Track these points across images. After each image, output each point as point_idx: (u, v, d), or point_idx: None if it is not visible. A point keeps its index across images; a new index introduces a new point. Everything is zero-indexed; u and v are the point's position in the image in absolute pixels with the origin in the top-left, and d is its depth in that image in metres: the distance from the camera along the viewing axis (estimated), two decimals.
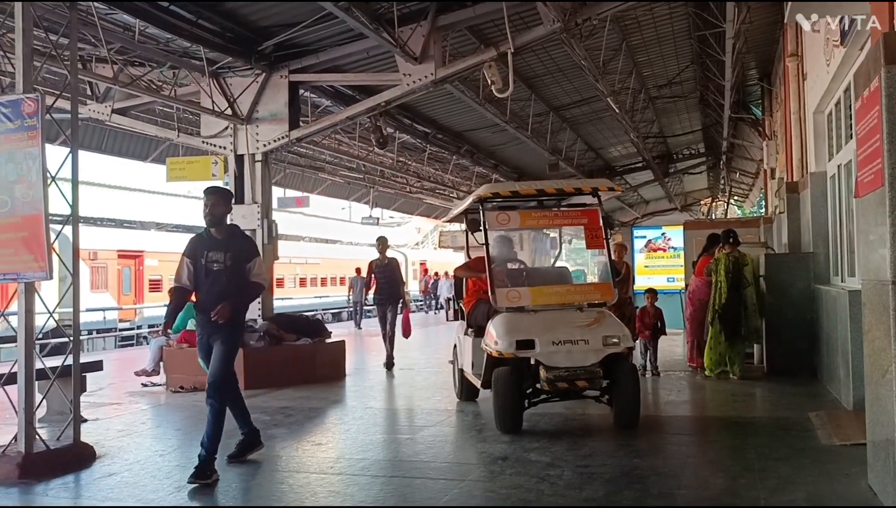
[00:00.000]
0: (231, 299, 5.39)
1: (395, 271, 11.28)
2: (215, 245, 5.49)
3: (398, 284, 11.26)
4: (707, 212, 35.45)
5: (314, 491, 4.91)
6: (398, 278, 11.29)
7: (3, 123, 5.50)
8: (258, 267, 5.58)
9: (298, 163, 19.29)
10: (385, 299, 11.24)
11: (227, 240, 5.53)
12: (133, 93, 10.82)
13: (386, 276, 11.19)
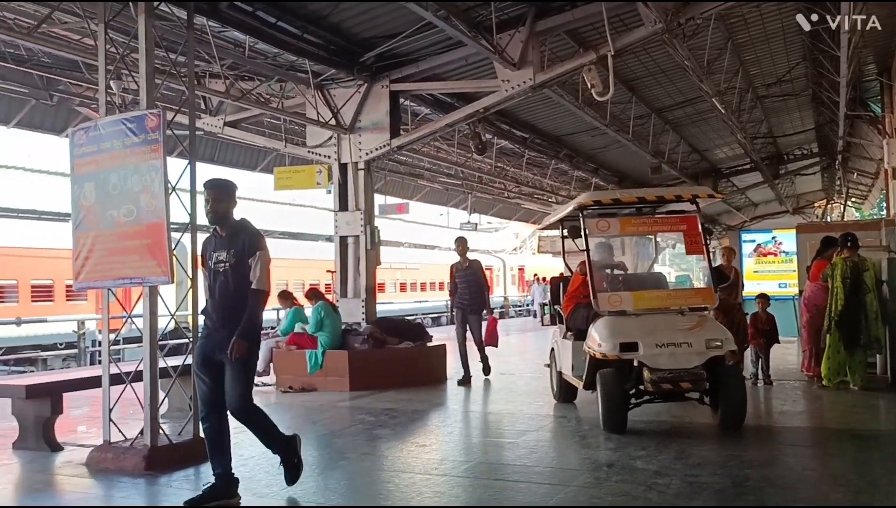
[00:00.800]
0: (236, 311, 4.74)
1: (479, 275, 10.30)
2: (220, 244, 4.90)
3: (482, 288, 10.32)
4: (822, 214, 33.68)
5: (420, 491, 4.99)
6: (482, 281, 10.37)
7: (130, 138, 5.87)
8: (259, 267, 4.78)
9: (398, 170, 19.66)
10: (467, 304, 10.20)
11: (230, 236, 4.89)
12: (243, 106, 11.34)
13: (467, 280, 10.25)
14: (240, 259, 4.78)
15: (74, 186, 6.22)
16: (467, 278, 10.27)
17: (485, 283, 10.42)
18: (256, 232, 4.97)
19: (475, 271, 10.32)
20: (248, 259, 4.77)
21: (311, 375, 9.75)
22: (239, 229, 4.93)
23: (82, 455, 6.17)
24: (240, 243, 4.83)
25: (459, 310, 10.30)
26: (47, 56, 10.25)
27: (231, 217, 4.94)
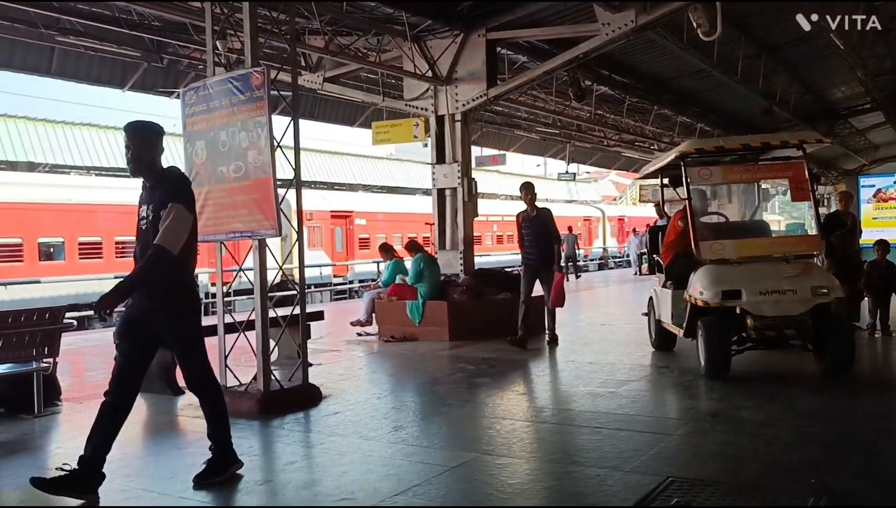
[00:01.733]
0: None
1: (548, 225, 9.09)
2: (144, 198, 4.23)
3: (552, 240, 9.05)
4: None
5: (521, 437, 5.08)
6: (552, 232, 9.12)
7: (236, 96, 6.08)
8: (169, 222, 3.94)
9: (495, 121, 19.48)
10: (535, 259, 9.06)
11: (152, 189, 4.18)
12: (341, 61, 11.47)
13: (534, 231, 9.10)
14: (156, 215, 4.05)
15: (187, 144, 6.51)
16: (533, 228, 9.14)
17: (556, 235, 9.17)
18: (178, 181, 4.23)
19: (544, 221, 9.11)
20: (161, 212, 4.02)
21: (415, 325, 9.98)
22: (161, 180, 4.20)
23: None
24: (157, 196, 4.10)
25: (527, 266, 9.25)
26: (158, 19, 10.67)
27: (156, 166, 4.22)
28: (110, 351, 4.15)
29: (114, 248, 19.41)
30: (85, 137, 23.19)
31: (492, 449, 4.82)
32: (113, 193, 20.02)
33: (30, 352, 5.83)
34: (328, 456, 4.83)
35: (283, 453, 5.07)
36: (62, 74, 12.29)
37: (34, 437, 5.67)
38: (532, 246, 9.12)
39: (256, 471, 4.68)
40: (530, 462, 4.49)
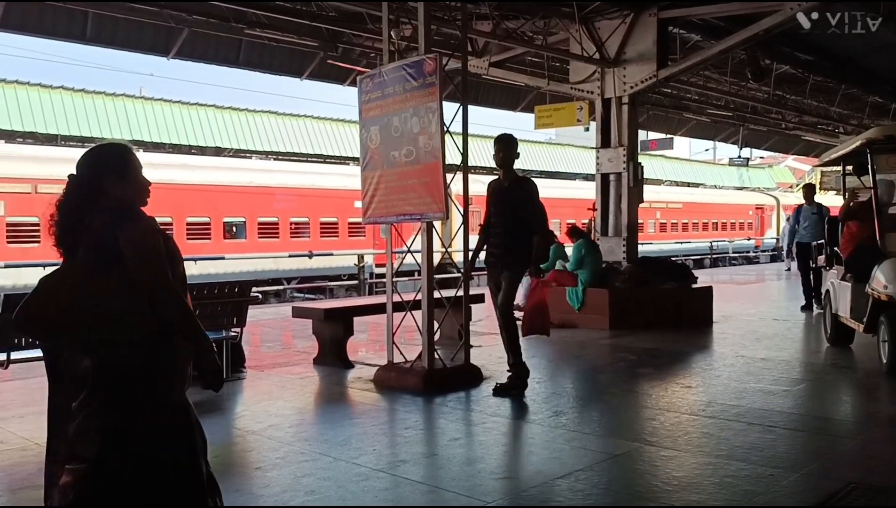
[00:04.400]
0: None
1: (525, 205, 6.02)
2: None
3: (528, 228, 6.01)
4: None
5: (686, 431, 4.93)
6: (529, 218, 6.04)
7: (409, 82, 6.28)
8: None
9: (662, 103, 18.80)
10: (498, 255, 6.18)
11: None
12: (508, 45, 11.51)
13: (503, 211, 6.14)
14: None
15: (362, 129, 6.82)
16: (504, 209, 6.11)
17: (536, 222, 6.06)
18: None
19: (520, 198, 6.05)
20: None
21: (576, 311, 9.90)
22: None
23: (369, 372, 6.92)
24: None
25: (487, 266, 6.38)
26: (335, 10, 11.21)
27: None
28: (285, 324, 4.46)
29: (289, 228, 20.72)
30: (265, 123, 24.84)
31: (656, 441, 4.72)
32: (289, 176, 21.37)
33: (221, 322, 6.37)
34: (490, 435, 4.93)
35: (446, 429, 5.23)
36: (248, 64, 13.24)
37: (223, 400, 6.20)
38: (498, 235, 6.11)
39: (422, 444, 4.88)
40: (697, 457, 4.35)
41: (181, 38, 11.81)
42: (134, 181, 2.73)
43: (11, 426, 5.18)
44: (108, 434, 2.51)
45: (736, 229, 35.84)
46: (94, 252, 2.58)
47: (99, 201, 2.64)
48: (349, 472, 4.12)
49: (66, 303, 2.53)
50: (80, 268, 2.59)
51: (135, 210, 2.69)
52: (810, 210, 11.21)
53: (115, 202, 2.65)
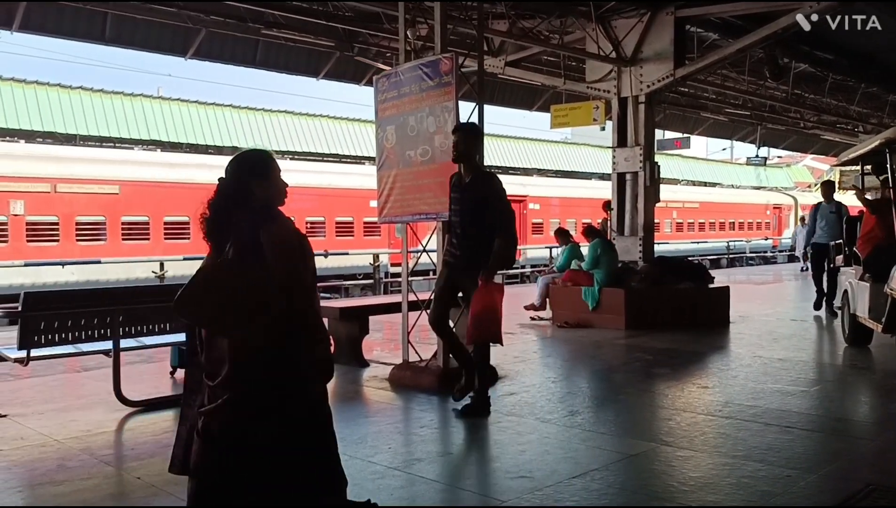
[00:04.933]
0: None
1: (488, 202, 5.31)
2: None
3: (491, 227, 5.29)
4: None
5: (702, 431, 4.90)
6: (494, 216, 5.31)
7: (425, 82, 6.29)
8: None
9: (679, 102, 18.71)
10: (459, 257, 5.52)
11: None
12: (523, 45, 11.51)
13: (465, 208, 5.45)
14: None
15: (378, 129, 6.84)
16: (466, 206, 5.45)
17: (500, 221, 5.30)
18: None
19: (482, 195, 5.35)
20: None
21: (590, 311, 9.87)
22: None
23: (385, 371, 6.93)
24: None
25: (444, 265, 5.79)
26: (351, 10, 11.25)
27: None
28: None
29: (305, 227, 20.79)
30: (282, 123, 24.97)
31: (672, 441, 4.70)
32: (305, 176, 21.44)
33: None
34: (505, 435, 4.93)
35: (461, 428, 5.23)
36: (265, 64, 13.31)
37: None
38: (458, 235, 5.50)
39: (437, 443, 4.89)
40: (714, 457, 4.33)
41: (199, 38, 11.90)
42: (275, 184, 3.03)
43: (31, 422, 5.24)
44: (239, 408, 2.81)
45: (753, 228, 35.60)
46: (240, 247, 2.88)
47: (245, 201, 2.94)
48: (365, 470, 4.14)
49: (215, 291, 2.86)
50: (227, 261, 2.90)
51: (275, 210, 2.99)
52: (828, 209, 10.72)
53: (258, 203, 2.93)
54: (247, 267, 2.85)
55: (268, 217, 2.92)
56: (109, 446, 4.81)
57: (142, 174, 18.05)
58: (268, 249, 2.84)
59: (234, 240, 2.89)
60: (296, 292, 2.85)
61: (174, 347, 6.74)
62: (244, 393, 2.82)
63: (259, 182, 2.96)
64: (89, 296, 5.87)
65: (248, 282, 2.83)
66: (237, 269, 2.86)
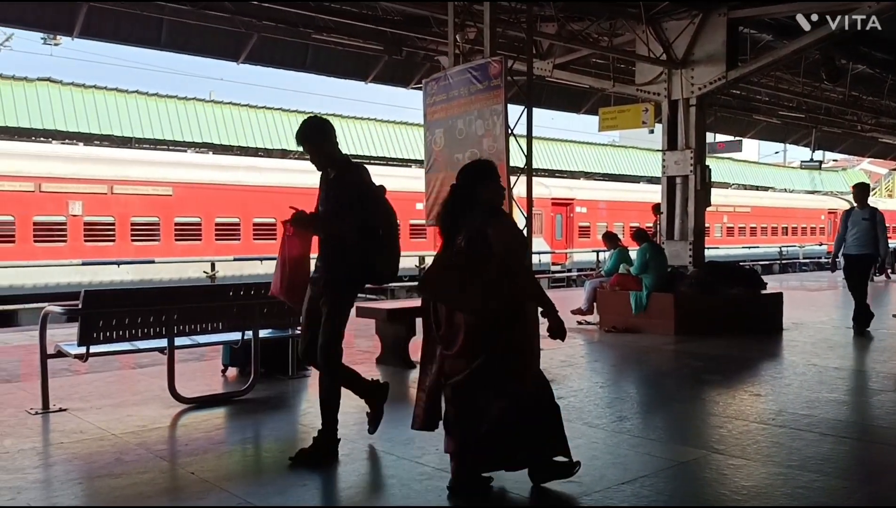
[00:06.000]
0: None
1: (340, 198, 4.37)
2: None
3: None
4: None
5: (755, 440, 4.81)
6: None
7: (474, 85, 6.32)
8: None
9: (730, 105, 18.38)
10: (317, 269, 4.49)
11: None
12: (572, 47, 11.45)
13: (327, 207, 4.49)
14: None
15: (427, 132, 6.90)
16: (327, 208, 4.51)
17: (373, 217, 4.41)
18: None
19: (345, 194, 4.38)
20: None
21: (635, 316, 9.76)
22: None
23: None
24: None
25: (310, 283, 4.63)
26: (400, 14, 11.34)
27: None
28: (348, 324, 4.52)
29: None
30: None
31: (723, 449, 4.61)
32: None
33: (286, 320, 6.50)
34: None
35: None
36: (315, 68, 13.51)
37: (288, 396, 6.34)
38: (321, 243, 4.47)
39: None
40: (767, 466, 4.24)
41: (251, 43, 12.13)
42: (498, 187, 3.70)
43: (90, 416, 5.40)
44: (474, 373, 3.56)
45: (807, 233, 34.75)
46: (470, 240, 3.56)
47: (473, 201, 3.63)
48: (413, 471, 4.16)
49: (451, 274, 3.58)
50: (460, 251, 3.58)
51: (499, 209, 3.68)
52: (861, 215, 9.52)
53: (485, 203, 3.63)
54: (477, 254, 3.51)
55: (493, 214, 3.62)
56: (164, 441, 4.93)
57: (194, 176, 18.45)
58: (495, 240, 3.51)
59: (465, 234, 3.58)
60: (520, 274, 3.58)
61: (225, 345, 6.86)
62: (480, 362, 3.52)
63: (485, 186, 3.65)
64: (146, 295, 6.02)
65: (477, 268, 3.49)
66: (469, 256, 3.53)
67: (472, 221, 3.57)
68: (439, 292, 3.63)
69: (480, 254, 3.51)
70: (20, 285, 15.61)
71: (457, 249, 3.59)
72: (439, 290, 3.63)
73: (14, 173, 15.99)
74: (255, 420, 5.54)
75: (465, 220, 3.61)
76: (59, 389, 6.02)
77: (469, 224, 3.57)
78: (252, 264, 17.54)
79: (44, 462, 4.43)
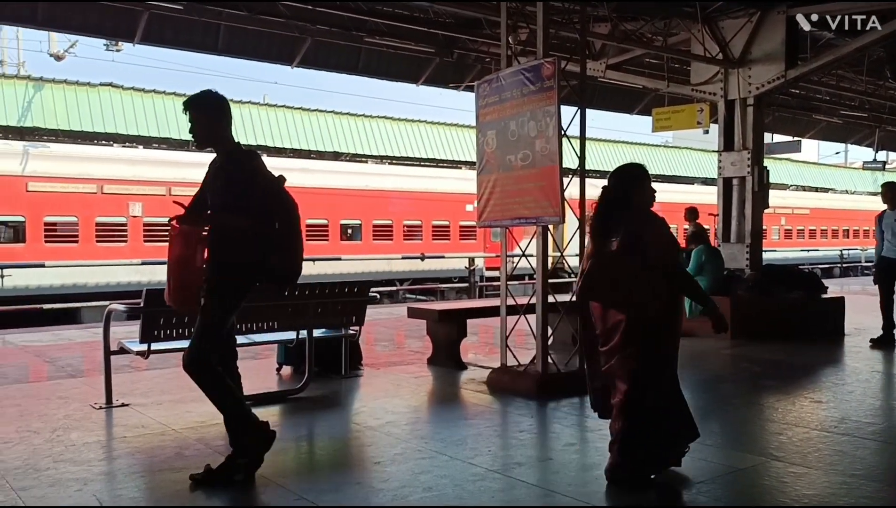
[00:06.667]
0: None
1: (235, 190, 3.95)
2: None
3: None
4: None
5: (817, 447, 4.68)
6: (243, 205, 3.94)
7: (527, 87, 6.28)
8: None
9: (789, 104, 17.93)
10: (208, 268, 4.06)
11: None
12: (626, 47, 11.32)
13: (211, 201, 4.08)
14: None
15: (479, 134, 6.88)
16: (213, 198, 4.09)
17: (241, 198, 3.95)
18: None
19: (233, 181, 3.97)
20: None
21: (689, 319, 9.57)
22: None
23: (482, 374, 6.96)
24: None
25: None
26: (451, 17, 11.37)
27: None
28: (397, 324, 4.56)
29: (402, 231, 21.13)
30: (381, 128, 25.46)
31: (783, 456, 4.50)
32: (403, 180, 21.79)
33: (340, 320, 6.58)
34: (606, 442, 4.82)
35: (561, 434, 5.19)
36: (367, 71, 13.64)
37: (341, 395, 6.42)
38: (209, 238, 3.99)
39: (537, 448, 4.86)
40: (829, 475, 4.12)
41: (304, 47, 12.31)
42: (648, 191, 3.90)
43: (151, 412, 5.55)
44: (637, 372, 3.80)
45: (869, 236, 33.64)
46: (624, 241, 3.73)
47: (626, 205, 3.83)
48: (465, 472, 4.17)
49: (606, 275, 3.78)
50: (613, 253, 3.76)
51: (650, 212, 3.87)
52: (893, 216, 8.81)
53: (636, 207, 3.84)
54: (629, 256, 3.71)
55: (646, 218, 3.83)
56: (222, 437, 5.00)
57: None
58: (649, 241, 3.72)
59: (619, 236, 3.76)
60: (675, 275, 3.81)
61: (280, 344, 6.98)
62: (636, 357, 3.76)
63: (637, 190, 3.85)
64: None
65: (631, 268, 3.71)
66: (623, 259, 3.73)
67: (625, 223, 3.77)
68: (593, 292, 3.85)
69: (634, 255, 3.71)
70: (83, 283, 16.15)
71: (610, 251, 3.78)
72: (592, 290, 3.84)
73: (78, 176, 16.56)
74: (310, 418, 5.62)
75: (617, 222, 3.79)
76: (121, 385, 6.22)
77: (621, 227, 3.76)
78: (305, 265, 17.71)
79: (108, 455, 4.57)
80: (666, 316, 3.81)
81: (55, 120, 19.35)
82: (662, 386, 3.89)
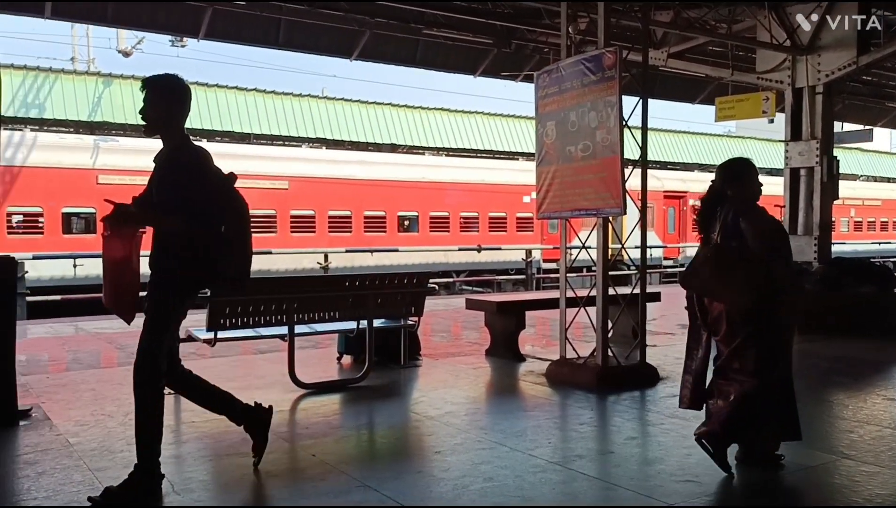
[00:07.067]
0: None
1: (176, 185, 3.69)
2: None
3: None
4: None
5: (890, 446, 4.53)
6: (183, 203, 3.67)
7: (588, 77, 6.21)
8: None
9: (860, 92, 17.29)
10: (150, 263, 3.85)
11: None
12: (688, 35, 11.07)
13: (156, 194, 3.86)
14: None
15: (538, 125, 6.84)
16: (155, 191, 3.91)
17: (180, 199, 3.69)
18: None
19: (175, 175, 3.70)
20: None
21: None
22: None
23: (541, 366, 6.94)
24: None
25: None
26: (510, 7, 11.31)
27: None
28: (454, 316, 4.57)
29: (459, 222, 21.15)
30: (437, 120, 25.51)
31: (854, 454, 4.37)
32: (459, 172, 21.80)
33: (400, 310, 6.64)
34: (669, 437, 4.79)
35: (622, 427, 5.14)
36: (425, 63, 13.67)
37: (401, 385, 6.48)
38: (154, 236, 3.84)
39: (598, 441, 4.83)
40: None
41: (363, 40, 12.41)
42: (747, 185, 3.99)
43: None
44: (759, 360, 3.89)
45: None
46: (725, 233, 3.93)
47: (726, 199, 3.99)
48: (526, 463, 4.17)
49: (709, 267, 3.88)
50: (717, 244, 3.96)
51: (748, 204, 3.95)
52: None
53: (736, 199, 3.96)
54: (728, 249, 3.87)
55: (746, 210, 3.91)
56: (286, 424, 5.15)
57: (308, 171, 19.09)
58: (747, 233, 3.83)
59: (720, 228, 3.95)
60: (776, 265, 3.82)
61: (341, 334, 7.09)
62: (741, 347, 3.87)
63: (739, 183, 3.96)
64: (268, 284, 6.28)
65: (732, 259, 3.83)
66: (722, 250, 3.90)
67: (726, 216, 3.94)
68: (696, 283, 3.98)
69: (732, 247, 3.87)
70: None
71: (712, 243, 3.98)
72: (696, 282, 3.97)
73: (146, 169, 17.01)
74: (370, 407, 5.70)
75: (720, 216, 3.98)
76: None
77: (722, 219, 3.96)
78: (363, 256, 18.00)
79: (177, 439, 4.72)
80: (766, 306, 3.82)
81: (123, 115, 19.94)
82: (773, 376, 3.92)
